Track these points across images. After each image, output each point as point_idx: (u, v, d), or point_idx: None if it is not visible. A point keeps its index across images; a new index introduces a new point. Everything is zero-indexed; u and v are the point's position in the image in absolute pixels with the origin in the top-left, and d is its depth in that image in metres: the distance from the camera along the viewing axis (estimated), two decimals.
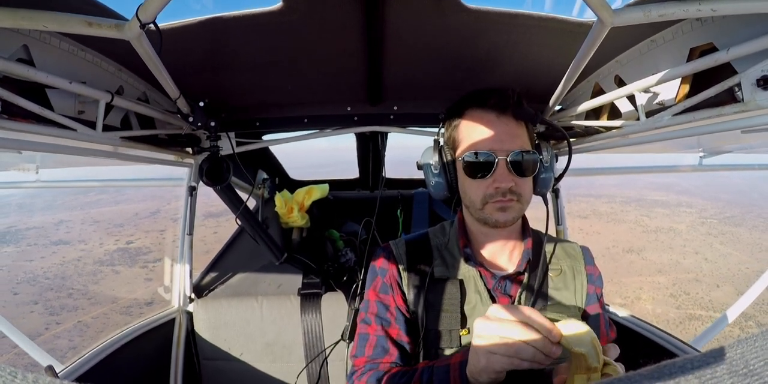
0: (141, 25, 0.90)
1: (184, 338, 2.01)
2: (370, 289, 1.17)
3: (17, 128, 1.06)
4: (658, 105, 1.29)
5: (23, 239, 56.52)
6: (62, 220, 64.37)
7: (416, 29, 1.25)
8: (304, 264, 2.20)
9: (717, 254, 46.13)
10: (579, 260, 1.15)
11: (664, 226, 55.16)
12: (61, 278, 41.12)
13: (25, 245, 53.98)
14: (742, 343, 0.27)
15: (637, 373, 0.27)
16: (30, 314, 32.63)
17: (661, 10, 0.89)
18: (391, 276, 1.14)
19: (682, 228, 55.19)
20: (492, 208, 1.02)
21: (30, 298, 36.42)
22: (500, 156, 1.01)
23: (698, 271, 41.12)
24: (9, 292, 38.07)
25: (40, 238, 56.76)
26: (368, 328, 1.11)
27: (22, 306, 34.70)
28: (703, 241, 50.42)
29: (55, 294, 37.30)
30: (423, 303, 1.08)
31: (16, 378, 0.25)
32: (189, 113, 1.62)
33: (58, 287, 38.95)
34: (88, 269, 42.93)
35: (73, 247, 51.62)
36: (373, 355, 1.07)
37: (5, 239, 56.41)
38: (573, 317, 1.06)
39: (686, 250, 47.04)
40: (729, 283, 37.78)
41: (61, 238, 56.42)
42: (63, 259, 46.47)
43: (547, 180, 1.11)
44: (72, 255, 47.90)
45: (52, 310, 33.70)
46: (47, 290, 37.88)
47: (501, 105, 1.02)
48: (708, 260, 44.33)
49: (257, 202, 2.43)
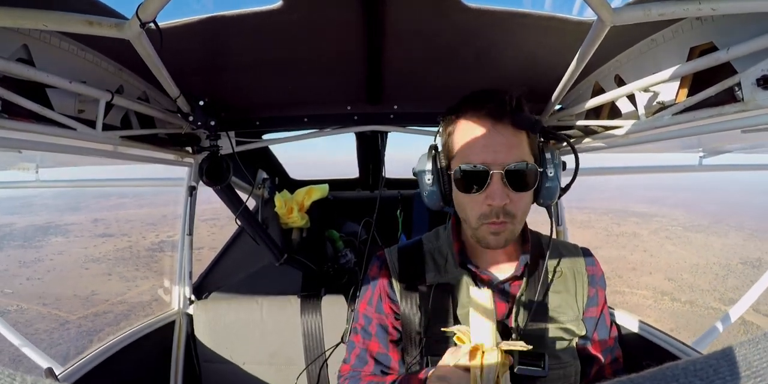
0: (141, 25, 0.90)
1: (184, 341, 2.00)
2: (362, 300, 1.18)
3: (17, 127, 1.05)
4: (658, 104, 1.29)
5: (69, 232, 62.36)
6: (96, 218, 69.73)
7: (416, 28, 1.25)
8: (304, 265, 2.20)
9: (663, 252, 52.62)
10: (579, 262, 1.13)
11: (628, 231, 61.28)
12: (123, 259, 48.54)
13: (73, 237, 60.49)
14: (744, 344, 0.27)
15: (639, 375, 0.27)
16: (108, 281, 41.76)
17: (661, 9, 0.88)
18: (381, 286, 1.13)
19: (644, 233, 61.52)
20: (486, 231, 0.96)
21: (102, 271, 44.68)
22: (494, 169, 0.92)
23: (638, 262, 47.93)
24: (80, 267, 46.51)
25: (84, 231, 62.94)
26: (354, 338, 1.15)
27: (98, 276, 43.26)
28: (657, 242, 56.92)
29: (123, 269, 45.22)
30: (415, 310, 1.07)
31: (15, 381, 0.25)
32: (189, 112, 1.62)
33: (123, 264, 46.65)
34: (143, 254, 50.03)
35: (119, 239, 57.70)
36: (354, 364, 1.12)
37: (50, 232, 62.29)
38: (571, 321, 1.06)
39: (636, 249, 53.21)
40: (661, 272, 45.42)
41: (103, 232, 62.28)
42: (115, 247, 53.34)
43: (552, 190, 1.01)
44: (122, 245, 54.64)
45: (126, 279, 42.34)
46: (114, 267, 45.77)
47: (498, 111, 0.93)
48: (652, 256, 50.70)
49: (257, 203, 2.43)
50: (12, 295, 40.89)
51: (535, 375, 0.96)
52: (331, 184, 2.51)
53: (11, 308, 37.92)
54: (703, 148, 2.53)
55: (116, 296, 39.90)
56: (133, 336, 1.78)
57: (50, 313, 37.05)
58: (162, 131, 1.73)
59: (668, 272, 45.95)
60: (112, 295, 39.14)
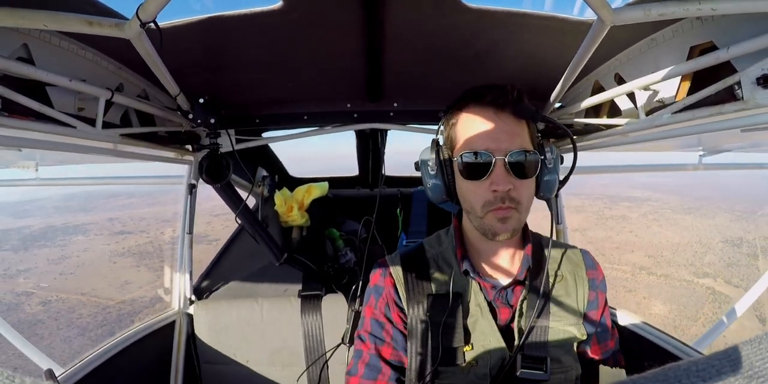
0: (141, 24, 0.90)
1: (185, 341, 1.99)
2: (366, 305, 1.15)
3: (17, 126, 1.05)
4: (658, 103, 1.29)
5: (88, 231, 66.97)
6: (111, 217, 73.94)
7: (416, 27, 1.25)
8: (305, 265, 2.19)
9: (648, 232, 55.95)
10: (580, 266, 1.13)
11: (618, 215, 64.47)
12: (148, 252, 53.94)
13: (93, 235, 65.42)
14: (746, 345, 0.27)
15: (641, 376, 0.27)
16: (138, 272, 47.27)
17: (661, 10, 0.88)
18: (387, 294, 1.11)
19: (633, 216, 64.51)
20: (492, 218, 0.96)
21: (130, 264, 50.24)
22: (498, 156, 0.94)
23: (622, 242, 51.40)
24: (108, 262, 52.13)
25: (102, 230, 67.64)
26: (362, 346, 1.10)
27: (127, 268, 48.77)
28: (645, 224, 60.28)
29: (150, 261, 50.62)
30: (424, 320, 1.04)
31: (14, 382, 0.25)
32: (189, 110, 1.62)
33: (150, 257, 52.11)
34: (165, 247, 55.30)
35: (138, 235, 62.04)
36: (364, 374, 1.06)
37: (70, 232, 66.72)
38: (572, 325, 1.05)
39: (623, 230, 56.50)
40: (642, 250, 49.07)
41: (121, 230, 66.73)
42: (137, 243, 58.32)
43: (551, 183, 1.03)
44: (142, 240, 59.60)
45: (154, 269, 47.76)
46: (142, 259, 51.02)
47: (499, 101, 0.96)
48: (637, 236, 54.06)
49: (257, 201, 2.43)
50: (49, 288, 44.85)
51: (537, 378, 0.97)
52: (331, 182, 2.50)
53: (52, 298, 41.93)
54: (703, 146, 2.53)
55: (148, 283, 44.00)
56: (134, 336, 1.78)
57: (90, 301, 41.12)
58: (162, 129, 1.73)
59: (649, 250, 49.15)
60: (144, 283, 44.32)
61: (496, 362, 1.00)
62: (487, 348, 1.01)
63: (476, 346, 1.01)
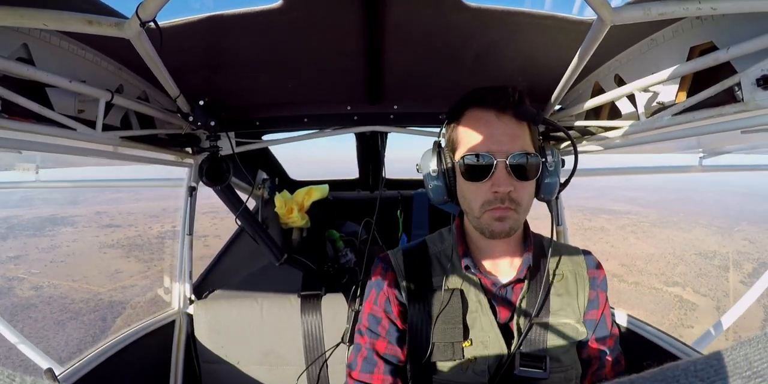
0: (141, 24, 0.90)
1: (184, 340, 1.99)
2: (366, 301, 1.16)
3: (17, 128, 1.05)
4: (658, 105, 1.29)
5: (76, 223, 66.89)
6: (98, 211, 74.31)
7: (416, 27, 1.25)
8: (304, 265, 2.19)
9: (624, 243, 57.91)
10: (581, 265, 1.13)
11: (597, 226, 66.54)
12: (137, 245, 54.33)
13: (81, 227, 65.49)
14: (745, 344, 0.27)
15: (640, 376, 0.27)
16: (128, 262, 47.84)
17: (661, 9, 0.88)
18: (388, 288, 1.11)
19: (611, 228, 66.61)
20: (489, 218, 0.97)
21: (120, 254, 50.88)
22: (499, 158, 0.95)
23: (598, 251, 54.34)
24: (98, 252, 52.62)
25: (90, 222, 67.75)
26: (361, 340, 1.12)
27: (117, 259, 49.30)
28: (622, 236, 62.39)
29: (140, 253, 51.15)
30: (423, 315, 1.05)
31: (14, 381, 0.25)
32: (189, 112, 1.61)
33: (139, 249, 52.74)
34: (153, 241, 55.55)
35: (126, 229, 62.54)
36: (363, 368, 1.08)
37: (58, 223, 66.60)
38: (572, 324, 1.05)
39: (600, 241, 58.21)
40: (617, 259, 50.93)
41: (109, 223, 67.06)
42: (126, 236, 59.04)
43: (552, 185, 1.03)
44: (131, 233, 60.03)
45: (144, 260, 48.64)
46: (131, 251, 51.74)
47: (500, 104, 0.96)
48: (613, 246, 55.93)
49: (257, 203, 2.43)
50: (40, 274, 45.50)
51: (536, 377, 0.97)
52: (331, 184, 2.50)
53: (44, 284, 42.59)
54: (702, 148, 2.53)
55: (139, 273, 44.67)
56: (133, 336, 1.78)
57: (81, 287, 41.84)
58: (162, 132, 1.73)
59: (623, 259, 50.74)
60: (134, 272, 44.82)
61: (494, 359, 1.00)
62: (486, 344, 1.01)
63: (475, 342, 1.01)
